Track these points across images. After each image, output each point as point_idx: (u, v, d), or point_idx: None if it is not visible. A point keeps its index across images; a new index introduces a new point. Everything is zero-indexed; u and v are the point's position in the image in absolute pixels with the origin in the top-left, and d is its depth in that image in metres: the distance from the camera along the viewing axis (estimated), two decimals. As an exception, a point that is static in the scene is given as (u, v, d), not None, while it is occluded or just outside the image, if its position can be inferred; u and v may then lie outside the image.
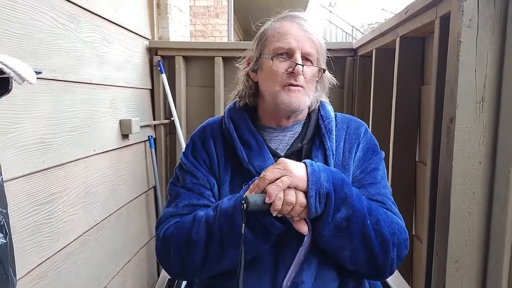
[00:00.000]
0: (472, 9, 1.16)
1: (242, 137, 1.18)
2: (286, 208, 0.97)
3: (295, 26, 1.15)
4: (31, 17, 1.43)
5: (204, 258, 1.06)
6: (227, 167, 1.19)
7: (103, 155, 2.01)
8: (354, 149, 1.18)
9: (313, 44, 1.14)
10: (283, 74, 1.12)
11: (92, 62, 1.89)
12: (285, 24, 1.16)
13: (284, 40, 1.13)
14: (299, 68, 1.11)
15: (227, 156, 1.20)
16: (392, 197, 1.18)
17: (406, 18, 1.64)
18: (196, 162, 1.20)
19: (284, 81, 1.12)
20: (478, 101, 1.19)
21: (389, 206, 1.14)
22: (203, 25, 6.72)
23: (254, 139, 1.17)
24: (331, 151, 1.15)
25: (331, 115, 1.22)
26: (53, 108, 1.57)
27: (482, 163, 1.21)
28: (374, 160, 1.19)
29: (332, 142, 1.17)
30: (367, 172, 1.17)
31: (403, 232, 1.09)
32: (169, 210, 1.18)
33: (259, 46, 1.19)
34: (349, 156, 1.17)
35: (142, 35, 2.59)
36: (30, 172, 1.42)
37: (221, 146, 1.21)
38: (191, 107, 2.89)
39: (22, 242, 1.38)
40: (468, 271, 1.26)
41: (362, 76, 2.56)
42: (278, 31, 1.15)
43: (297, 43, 1.12)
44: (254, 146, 1.16)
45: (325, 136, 1.17)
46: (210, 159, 1.20)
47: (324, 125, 1.19)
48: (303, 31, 1.14)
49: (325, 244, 1.04)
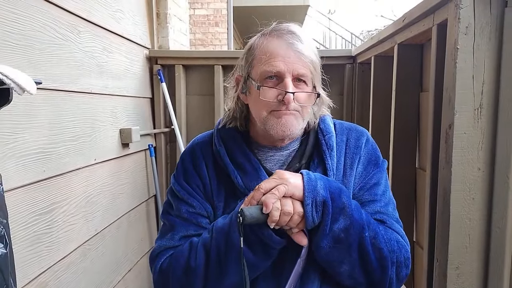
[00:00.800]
0: (468, 16, 1.17)
1: (235, 160, 1.09)
2: (284, 219, 0.93)
3: (283, 46, 1.03)
4: (32, 28, 1.44)
5: (204, 285, 1.02)
6: (220, 193, 1.11)
7: (104, 164, 2.01)
8: (355, 164, 1.11)
9: (305, 64, 1.03)
10: (272, 102, 1.02)
11: (92, 72, 1.90)
12: (273, 42, 1.04)
13: (271, 63, 1.02)
14: (289, 97, 1.00)
15: (219, 181, 1.12)
16: (396, 211, 1.13)
17: (403, 26, 1.65)
18: (190, 189, 1.12)
19: (274, 108, 1.03)
20: (476, 108, 1.19)
21: (391, 224, 1.08)
22: (203, 33, 6.76)
23: (249, 161, 1.08)
24: (332, 170, 1.07)
25: (331, 129, 1.13)
26: (53, 118, 1.57)
27: (481, 169, 1.21)
28: (375, 174, 1.12)
29: (333, 160, 1.08)
30: (366, 189, 1.10)
31: (405, 251, 1.04)
32: (164, 243, 1.10)
33: (247, 66, 1.09)
34: (350, 173, 1.10)
35: (142, 45, 2.61)
36: (30, 182, 1.43)
37: (212, 169, 1.13)
38: (191, 116, 2.90)
39: (23, 252, 1.38)
40: (469, 277, 1.25)
41: (361, 83, 2.57)
42: (265, 51, 1.04)
43: (286, 65, 1.01)
44: (249, 170, 1.07)
45: (325, 153, 1.09)
46: (203, 184, 1.12)
47: (324, 141, 1.10)
48: (292, 51, 1.02)
49: (323, 257, 0.99)
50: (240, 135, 1.13)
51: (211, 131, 1.20)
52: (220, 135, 1.14)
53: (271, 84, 1.03)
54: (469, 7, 1.17)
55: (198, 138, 1.22)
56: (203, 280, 1.02)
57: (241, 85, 1.11)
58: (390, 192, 1.15)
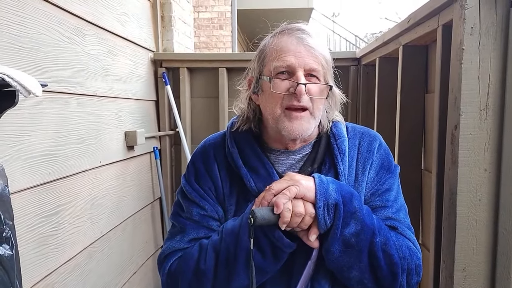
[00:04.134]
0: (474, 17, 1.16)
1: (248, 162, 1.07)
2: (295, 220, 0.92)
3: (293, 41, 1.03)
4: (38, 31, 1.45)
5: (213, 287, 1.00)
6: (231, 195, 1.09)
7: (109, 166, 2.02)
8: (367, 169, 1.08)
9: (316, 58, 1.02)
10: (284, 96, 1.01)
11: (97, 75, 1.91)
12: (283, 39, 1.04)
13: (282, 58, 1.01)
14: (301, 88, 0.98)
15: (232, 183, 1.09)
16: (408, 217, 1.11)
17: (408, 27, 1.64)
18: (202, 191, 1.09)
19: (286, 103, 1.01)
20: (482, 108, 1.18)
21: (402, 230, 1.05)
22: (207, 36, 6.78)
23: (262, 164, 1.06)
24: (344, 175, 1.05)
25: (343, 133, 1.11)
26: (59, 120, 1.58)
27: (488, 171, 1.20)
28: (387, 180, 1.09)
29: (345, 165, 1.06)
30: (378, 194, 1.08)
31: (416, 258, 1.02)
32: (174, 245, 1.08)
33: (259, 66, 1.08)
34: (362, 179, 1.08)
35: (147, 47, 2.62)
36: (36, 184, 1.44)
37: (224, 171, 1.10)
38: (196, 118, 2.90)
39: (28, 254, 1.39)
40: (476, 279, 1.24)
41: (366, 85, 2.57)
42: (276, 49, 1.03)
43: (297, 59, 1.00)
44: (263, 173, 1.05)
45: (337, 158, 1.06)
46: (215, 187, 1.10)
47: (336, 145, 1.08)
48: (303, 45, 1.02)
49: (333, 262, 0.97)
50: (253, 138, 1.11)
51: (223, 132, 1.18)
52: (233, 137, 1.12)
53: (284, 78, 1.02)
54: (474, 8, 1.16)
55: (210, 138, 1.19)
56: (212, 282, 1.00)
57: (253, 85, 1.10)
58: (402, 198, 1.13)
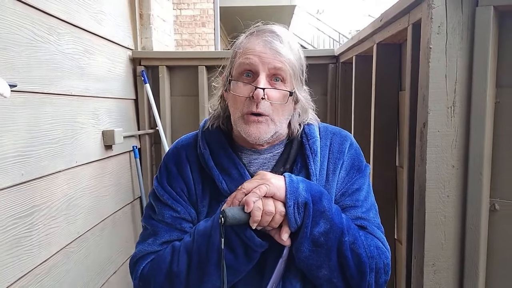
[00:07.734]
0: (441, 16, 1.19)
1: (220, 164, 1.07)
2: (266, 219, 0.93)
3: (260, 43, 1.01)
4: (9, 31, 1.43)
5: None
6: (204, 197, 1.09)
7: (86, 166, 2.00)
8: (338, 169, 1.09)
9: (281, 63, 1.00)
10: (245, 100, 1.01)
11: (73, 74, 1.89)
12: (251, 40, 1.04)
13: (246, 56, 1.01)
14: (258, 93, 0.97)
15: (204, 184, 1.09)
16: (378, 217, 1.12)
17: (381, 26, 1.66)
18: (174, 193, 1.09)
19: (245, 108, 1.01)
20: (449, 106, 1.21)
21: (371, 230, 1.06)
22: (190, 34, 6.75)
23: (234, 165, 1.06)
24: (315, 175, 1.06)
25: (316, 133, 1.12)
26: (32, 120, 1.56)
27: (455, 167, 1.23)
28: (357, 180, 1.10)
29: (316, 165, 1.07)
30: (348, 194, 1.09)
31: (384, 257, 1.03)
32: (146, 248, 1.07)
33: (229, 65, 1.08)
34: (333, 179, 1.09)
35: (125, 46, 2.60)
36: (9, 186, 1.42)
37: (197, 172, 1.10)
38: (176, 116, 2.89)
39: (1, 256, 1.38)
40: (446, 274, 1.27)
41: (344, 82, 2.58)
42: (244, 47, 1.04)
43: (260, 60, 1.00)
44: (235, 174, 1.05)
45: (309, 158, 1.07)
46: (188, 188, 1.09)
47: (308, 145, 1.09)
48: (269, 48, 1.00)
49: (302, 261, 0.98)
50: (224, 137, 1.11)
51: (196, 133, 1.18)
52: (205, 137, 1.11)
53: (247, 81, 1.02)
54: (441, 7, 1.19)
55: (182, 139, 1.18)
56: (185, 285, 1.00)
57: (225, 83, 1.09)
58: (372, 197, 1.14)
